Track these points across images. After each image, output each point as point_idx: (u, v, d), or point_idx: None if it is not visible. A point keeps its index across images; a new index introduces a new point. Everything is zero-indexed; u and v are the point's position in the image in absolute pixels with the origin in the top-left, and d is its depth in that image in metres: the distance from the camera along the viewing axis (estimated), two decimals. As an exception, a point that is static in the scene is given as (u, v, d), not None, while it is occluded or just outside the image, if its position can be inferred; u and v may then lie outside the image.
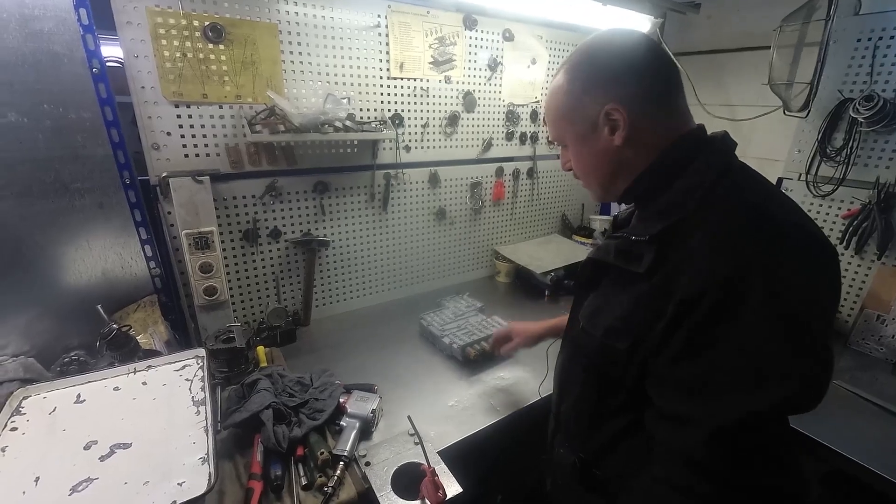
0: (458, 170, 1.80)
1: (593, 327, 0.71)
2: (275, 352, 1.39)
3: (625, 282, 0.67)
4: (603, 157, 0.70)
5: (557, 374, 0.90)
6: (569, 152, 0.75)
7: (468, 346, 1.36)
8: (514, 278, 2.01)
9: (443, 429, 1.11)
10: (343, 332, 1.56)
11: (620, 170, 0.70)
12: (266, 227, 1.44)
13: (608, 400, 0.74)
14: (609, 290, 0.71)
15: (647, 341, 0.62)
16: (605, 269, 0.73)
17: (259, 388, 1.08)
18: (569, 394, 0.84)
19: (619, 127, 0.66)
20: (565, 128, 0.73)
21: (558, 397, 0.89)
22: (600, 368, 0.73)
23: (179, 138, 1.23)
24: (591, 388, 0.77)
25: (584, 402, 0.79)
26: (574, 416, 0.83)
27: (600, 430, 0.76)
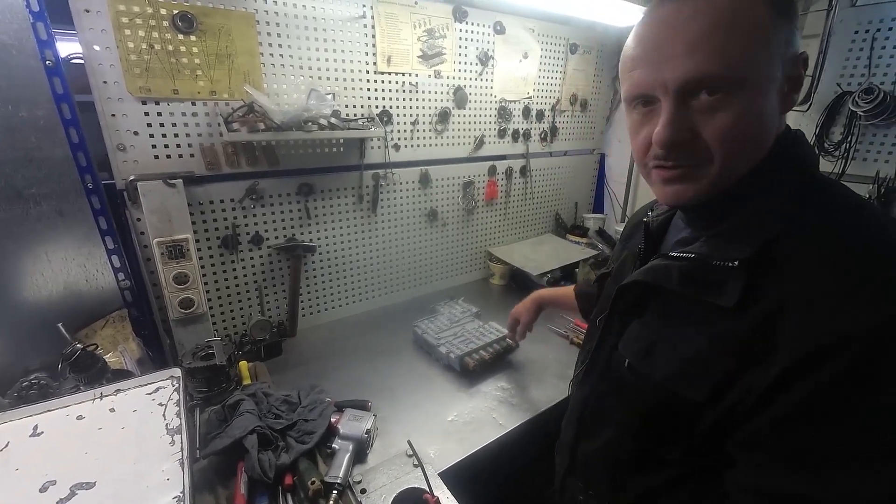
0: (449, 169, 1.73)
1: (648, 367, 0.60)
2: (259, 367, 1.29)
3: (694, 315, 0.56)
4: (767, 124, 0.52)
5: (578, 406, 0.79)
6: (718, 102, 0.50)
7: (466, 355, 1.29)
8: (509, 280, 1.95)
9: (443, 447, 1.03)
10: (332, 342, 1.47)
11: (756, 152, 0.54)
12: (247, 232, 1.34)
13: (655, 451, 0.64)
14: (664, 321, 0.60)
15: (733, 394, 0.51)
16: (654, 295, 0.63)
17: (242, 410, 0.99)
18: (596, 435, 0.74)
19: (800, 85, 0.52)
20: (755, 56, 0.49)
21: (577, 433, 0.79)
22: (653, 416, 0.63)
23: (148, 138, 1.13)
24: (632, 434, 0.66)
25: (618, 449, 0.69)
26: (601, 463, 0.73)
27: (635, 482, 0.67)
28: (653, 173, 0.59)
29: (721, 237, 0.56)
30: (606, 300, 0.77)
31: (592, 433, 0.76)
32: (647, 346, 0.62)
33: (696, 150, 0.53)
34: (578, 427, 0.79)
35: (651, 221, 0.74)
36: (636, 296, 0.66)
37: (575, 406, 0.81)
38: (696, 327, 0.56)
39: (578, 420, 0.79)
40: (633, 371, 0.63)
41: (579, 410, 0.79)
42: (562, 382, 1.27)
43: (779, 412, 0.47)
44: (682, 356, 0.57)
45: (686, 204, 0.59)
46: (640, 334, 0.64)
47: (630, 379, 0.65)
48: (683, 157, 0.54)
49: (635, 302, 0.66)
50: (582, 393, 0.79)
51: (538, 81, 1.87)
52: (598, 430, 0.74)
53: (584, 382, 0.78)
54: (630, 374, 0.64)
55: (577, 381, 0.83)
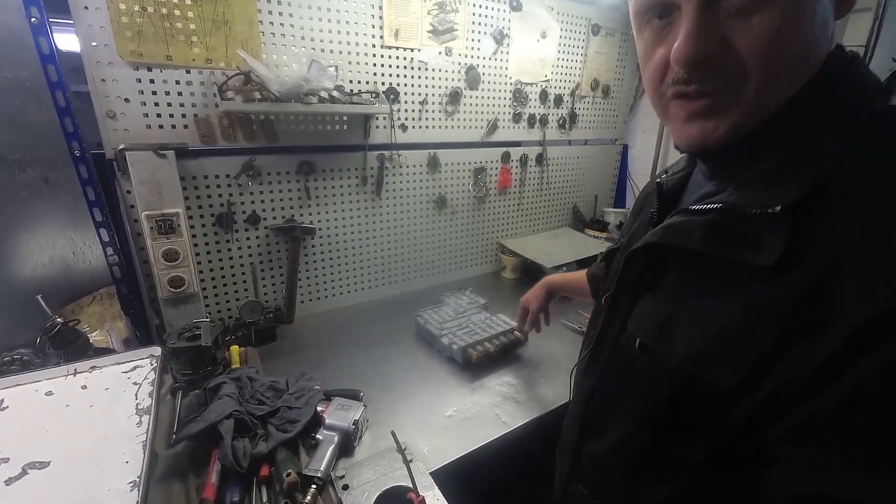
0: (460, 153, 1.64)
1: (664, 347, 0.51)
2: (251, 352, 1.23)
3: (720, 281, 0.46)
4: (818, 31, 0.42)
5: (581, 399, 0.69)
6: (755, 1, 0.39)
7: (470, 347, 1.19)
8: (521, 274, 1.84)
9: (438, 443, 0.93)
10: (330, 330, 1.39)
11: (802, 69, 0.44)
12: (243, 211, 1.28)
13: (676, 450, 0.53)
14: (683, 291, 0.51)
15: (776, 375, 0.41)
16: (671, 260, 0.53)
17: (221, 394, 0.92)
18: (603, 433, 0.64)
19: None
20: None
21: (581, 431, 0.69)
22: (672, 407, 0.52)
23: (140, 106, 1.08)
24: (647, 431, 0.56)
25: (631, 450, 0.59)
26: (610, 466, 0.63)
27: (652, 490, 0.57)
28: (672, 106, 0.48)
29: (757, 181, 0.45)
30: (614, 274, 0.67)
31: (599, 431, 0.66)
32: (661, 321, 0.52)
33: (727, 67, 0.42)
34: (583, 424, 0.69)
35: (666, 182, 0.64)
36: (648, 264, 0.56)
37: (578, 400, 0.71)
38: (724, 295, 0.46)
39: (583, 416, 0.69)
40: (647, 353, 0.54)
41: (583, 404, 0.68)
42: (574, 380, 1.15)
43: (839, 395, 0.37)
44: (707, 331, 0.46)
45: (714, 146, 0.48)
46: (653, 309, 0.54)
47: (642, 362, 0.55)
48: (711, 78, 0.43)
49: (647, 271, 0.56)
50: (586, 384, 0.68)
51: (557, 64, 1.76)
52: (606, 426, 0.64)
53: (587, 371, 0.68)
54: (642, 357, 0.55)
55: (579, 370, 0.72)
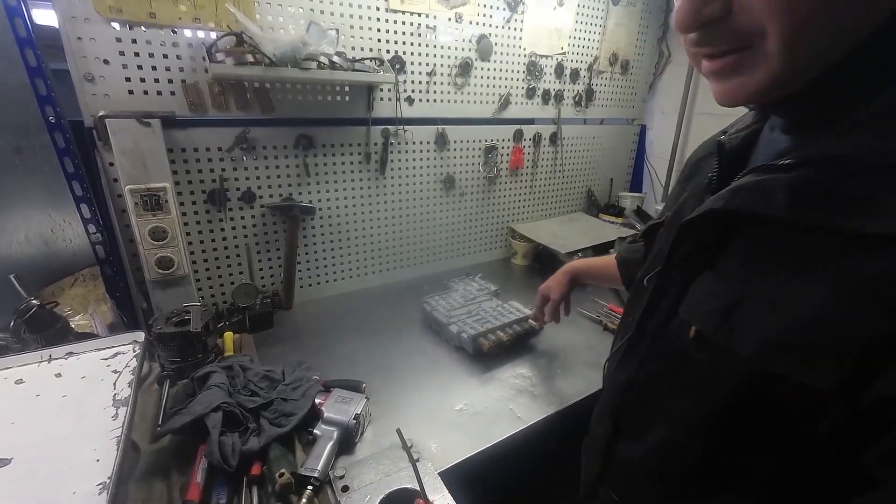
0: (469, 130, 1.53)
1: (729, 337, 0.41)
2: (245, 339, 1.14)
3: (811, 255, 0.38)
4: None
5: (616, 393, 0.60)
6: None
7: (481, 335, 1.10)
8: (533, 261, 1.74)
9: (447, 441, 0.85)
10: (331, 317, 1.31)
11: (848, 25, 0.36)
12: (237, 188, 1.19)
13: (737, 461, 0.44)
14: (755, 268, 0.42)
15: (887, 380, 0.33)
16: (739, 231, 0.44)
17: (209, 384, 0.84)
18: (642, 434, 0.55)
19: None
20: None
21: (613, 429, 0.61)
22: (735, 410, 0.43)
23: (120, 69, 0.98)
24: (699, 436, 0.47)
25: (676, 456, 0.50)
26: (648, 472, 0.55)
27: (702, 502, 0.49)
28: (702, 64, 0.42)
29: (871, 125, 0.35)
30: (660, 252, 0.57)
31: (637, 431, 0.57)
32: (726, 306, 0.42)
33: (738, 26, 0.36)
34: (615, 422, 0.60)
35: (729, 141, 0.54)
36: (707, 236, 0.46)
37: (612, 393, 0.62)
38: (815, 273, 0.36)
39: (616, 411, 0.60)
40: (704, 344, 0.44)
41: (618, 399, 0.60)
42: (594, 372, 1.06)
43: None
44: (791, 318, 0.37)
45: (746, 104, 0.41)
46: (714, 291, 0.45)
47: (699, 356, 0.46)
48: (722, 38, 0.38)
49: (705, 245, 0.47)
50: (622, 376, 0.59)
51: (574, 35, 1.64)
52: (646, 426, 0.55)
53: (625, 362, 0.59)
54: (699, 349, 0.46)
55: (614, 360, 0.63)
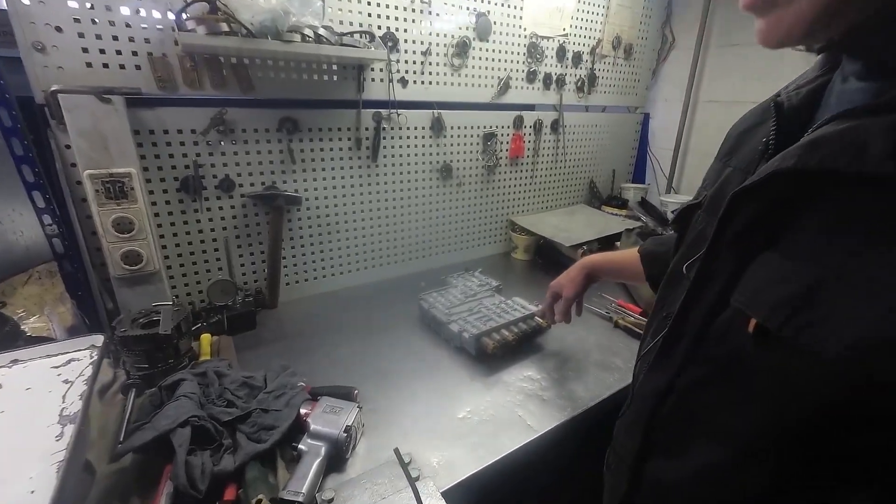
0: (467, 115, 1.43)
1: (806, 332, 0.33)
2: (224, 341, 1.04)
3: None
4: None
5: (647, 402, 0.51)
6: None
7: (484, 335, 1.00)
8: (535, 255, 1.65)
9: (450, 454, 0.75)
10: (319, 316, 1.20)
11: None
12: (214, 175, 1.08)
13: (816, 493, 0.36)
14: (841, 242, 0.33)
15: None
16: (813, 196, 0.35)
17: (178, 394, 0.73)
18: (681, 452, 0.47)
19: None
20: None
21: (643, 444, 0.52)
22: (820, 426, 0.35)
23: (76, 38, 0.87)
24: (768, 458, 0.38)
25: (732, 482, 0.41)
26: (697, 499, 0.46)
27: None
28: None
29: None
30: (699, 236, 0.50)
31: (675, 448, 0.48)
32: (800, 292, 0.34)
33: None
34: (647, 435, 0.52)
35: (788, 99, 0.45)
36: (768, 207, 0.38)
37: (643, 402, 0.53)
38: None
39: (648, 424, 0.51)
40: (769, 340, 0.36)
41: (651, 409, 0.51)
42: (607, 374, 0.98)
43: None
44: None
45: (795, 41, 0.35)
46: (781, 274, 0.36)
47: (761, 355, 0.37)
48: None
49: (765, 219, 0.38)
50: (654, 383, 0.51)
51: (576, 16, 1.55)
52: (688, 443, 0.47)
53: (659, 365, 0.50)
54: (761, 348, 0.37)
55: (644, 363, 0.54)
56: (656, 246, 0.84)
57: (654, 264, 0.82)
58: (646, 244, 0.86)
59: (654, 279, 0.82)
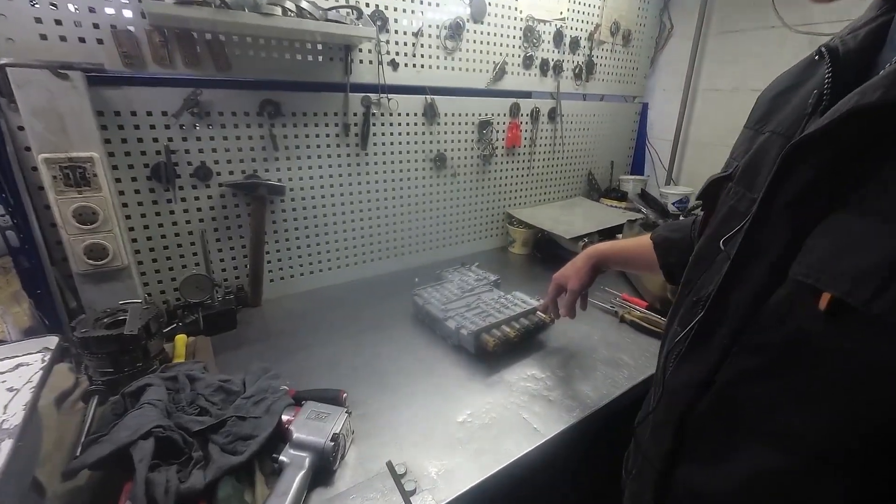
0: (462, 102, 1.36)
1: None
2: (201, 342, 0.95)
3: None
4: None
5: (677, 401, 0.45)
6: None
7: (484, 331, 0.93)
8: (533, 249, 1.58)
9: (450, 462, 0.68)
10: (306, 315, 1.12)
11: None
12: (188, 162, 1.00)
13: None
14: None
15: None
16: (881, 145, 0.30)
17: (142, 402, 0.65)
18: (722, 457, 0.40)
19: None
20: None
21: (674, 448, 0.45)
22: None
23: (28, 6, 0.78)
24: (846, 467, 0.32)
25: (795, 493, 0.35)
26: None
27: None
28: None
29: None
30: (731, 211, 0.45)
31: (715, 452, 0.42)
32: (893, 257, 0.28)
33: None
34: (678, 438, 0.45)
35: (843, 43, 0.39)
36: (833, 160, 0.32)
37: (674, 399, 0.46)
38: None
39: (680, 425, 0.45)
40: (850, 319, 0.30)
41: (683, 407, 0.44)
42: (616, 371, 0.91)
43: None
44: None
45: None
46: (861, 236, 0.30)
47: (835, 338, 0.31)
48: None
49: (829, 176, 0.33)
50: (687, 375, 0.44)
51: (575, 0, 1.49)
52: (732, 447, 0.40)
53: (695, 356, 0.44)
54: (836, 329, 0.31)
55: (674, 354, 0.47)
56: (670, 232, 0.77)
57: (669, 252, 0.76)
58: (658, 230, 0.80)
59: (670, 268, 0.76)
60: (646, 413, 0.54)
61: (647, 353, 0.97)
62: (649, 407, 0.52)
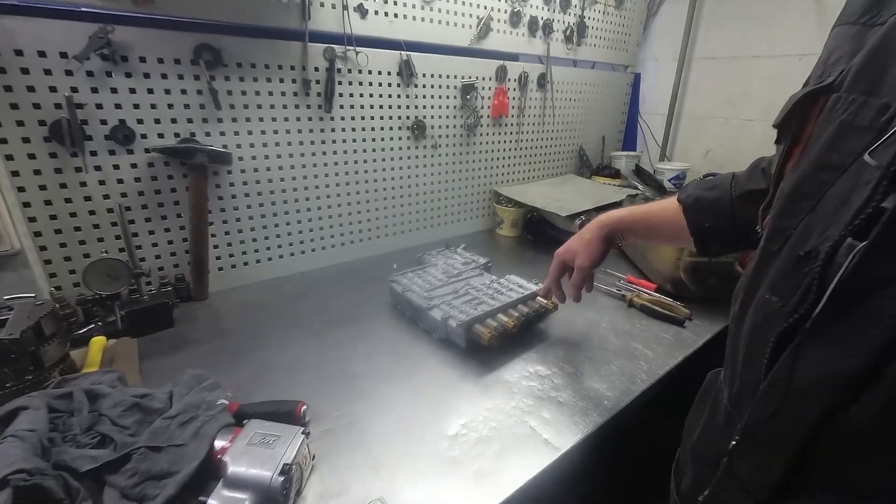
0: (442, 61, 1.19)
1: None
2: (124, 346, 0.76)
3: None
4: None
5: (815, 402, 0.31)
6: None
7: (477, 321, 0.77)
8: (523, 230, 1.44)
9: (443, 492, 0.52)
10: (262, 310, 0.94)
11: None
12: (102, 119, 0.79)
13: None
14: None
15: None
16: None
17: (7, 433, 0.46)
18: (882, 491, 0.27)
19: None
20: None
21: (787, 477, 0.32)
22: None
23: None
24: None
25: None
26: None
27: None
28: None
29: None
30: (845, 127, 0.32)
31: (868, 484, 0.29)
32: None
33: None
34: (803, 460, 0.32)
35: None
36: None
37: (793, 410, 0.32)
38: None
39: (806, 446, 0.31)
40: None
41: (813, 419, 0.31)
42: (632, 364, 0.77)
43: None
44: None
45: None
46: None
47: None
48: None
49: None
50: (817, 371, 0.30)
51: (564, -51, 1.34)
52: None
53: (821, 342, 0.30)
54: None
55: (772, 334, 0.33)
56: (703, 191, 0.63)
57: (703, 214, 0.62)
58: (687, 190, 0.66)
59: (704, 235, 0.62)
60: (732, 426, 0.39)
61: (664, 342, 0.84)
62: (739, 417, 0.37)
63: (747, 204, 0.58)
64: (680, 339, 0.85)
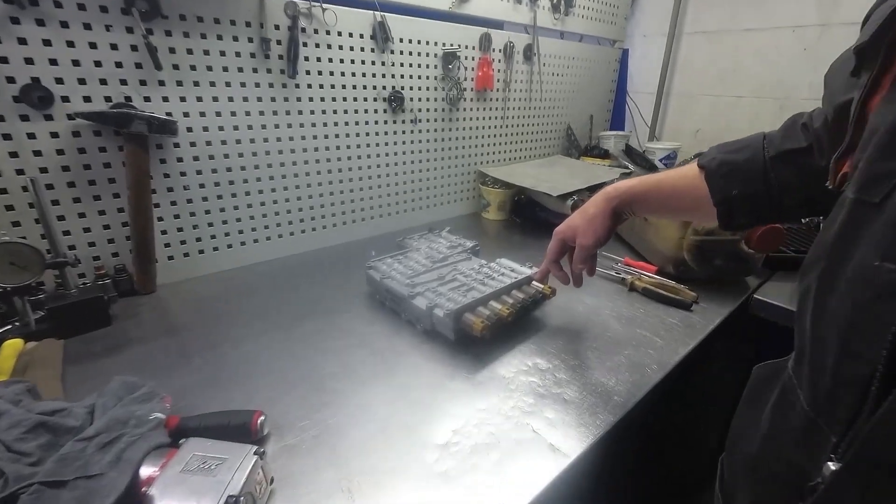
0: (421, 25, 1.08)
1: None
2: (46, 349, 0.63)
3: None
4: None
5: None
6: None
7: (466, 310, 0.68)
8: (511, 213, 1.34)
9: (433, 518, 0.43)
10: (219, 303, 0.82)
11: None
12: (9, 77, 0.65)
13: None
14: None
15: None
16: None
17: None
18: None
19: None
20: None
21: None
22: None
23: None
24: None
25: None
26: None
27: None
28: None
29: None
30: None
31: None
32: None
33: None
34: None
35: None
36: None
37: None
38: None
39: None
40: None
41: None
42: (639, 353, 0.69)
43: None
44: None
45: None
46: None
47: None
48: None
49: None
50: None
51: None
52: None
53: None
54: None
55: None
56: (729, 153, 0.55)
57: (730, 179, 0.53)
58: (708, 154, 0.57)
59: (730, 204, 0.54)
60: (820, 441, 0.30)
61: (672, 328, 0.76)
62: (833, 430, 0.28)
63: (784, 166, 0.50)
64: (689, 323, 0.77)
